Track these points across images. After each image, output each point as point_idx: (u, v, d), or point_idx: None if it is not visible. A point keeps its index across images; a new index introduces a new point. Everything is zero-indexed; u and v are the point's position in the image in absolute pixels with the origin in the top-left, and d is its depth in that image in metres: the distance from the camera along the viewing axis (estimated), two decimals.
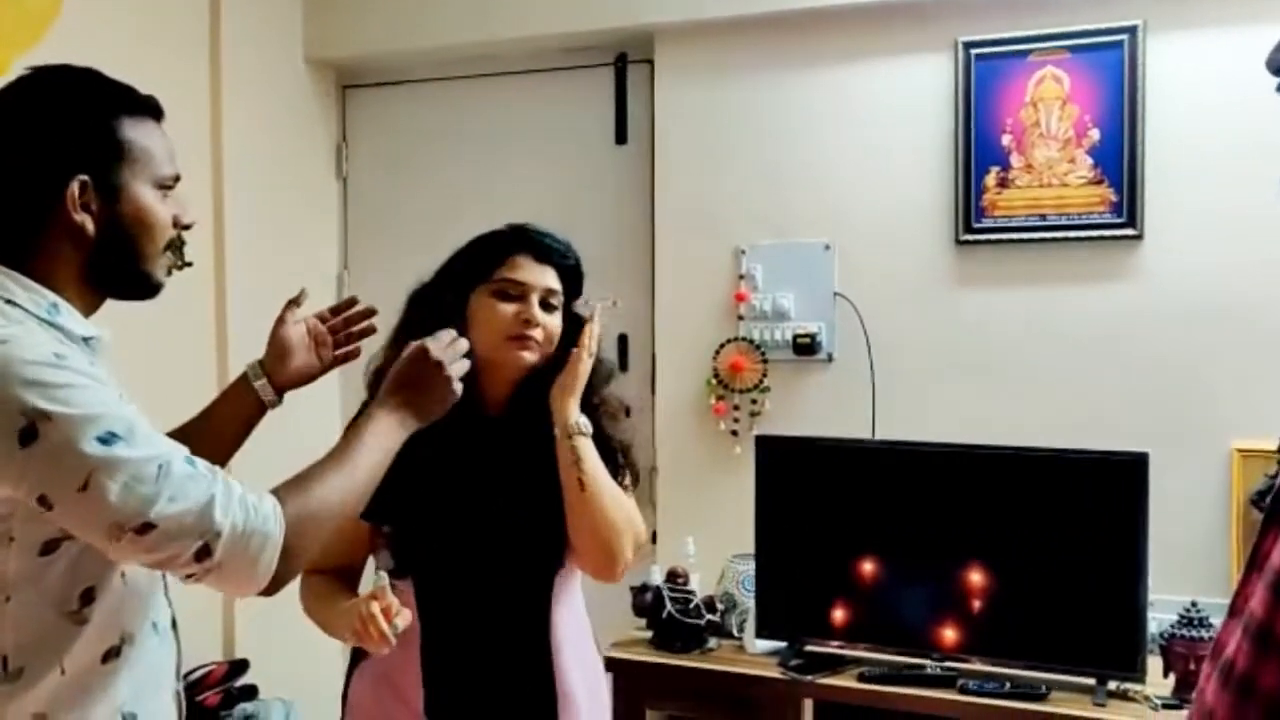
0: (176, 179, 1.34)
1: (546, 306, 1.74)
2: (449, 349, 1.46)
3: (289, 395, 1.65)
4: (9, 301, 1.23)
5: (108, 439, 1.14)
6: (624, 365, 3.19)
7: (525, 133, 3.32)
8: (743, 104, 2.99)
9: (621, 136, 3.20)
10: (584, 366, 1.71)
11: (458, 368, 1.46)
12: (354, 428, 1.39)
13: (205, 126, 3.03)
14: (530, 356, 1.73)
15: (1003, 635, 2.40)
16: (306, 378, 1.65)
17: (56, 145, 1.25)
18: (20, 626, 1.21)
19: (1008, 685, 2.34)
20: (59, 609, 1.22)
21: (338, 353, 1.67)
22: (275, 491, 1.25)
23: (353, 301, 1.72)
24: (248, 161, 3.13)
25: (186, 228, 1.36)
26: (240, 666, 2.98)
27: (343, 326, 1.69)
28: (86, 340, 1.28)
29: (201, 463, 1.21)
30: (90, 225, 1.26)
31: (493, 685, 1.75)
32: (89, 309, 1.32)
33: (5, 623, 1.20)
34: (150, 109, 1.33)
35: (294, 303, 1.67)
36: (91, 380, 1.18)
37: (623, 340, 3.20)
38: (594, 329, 1.74)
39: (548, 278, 1.75)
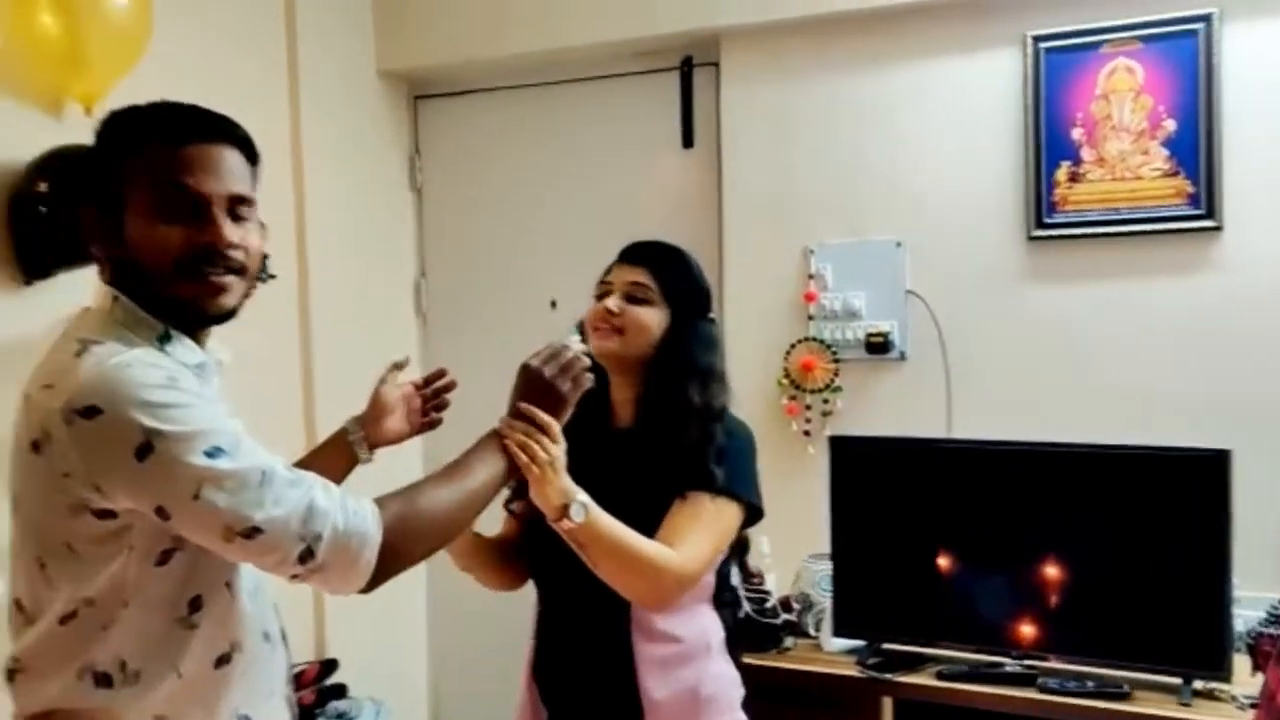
0: (207, 199, 1.31)
1: (632, 299, 1.82)
2: (551, 361, 1.54)
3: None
4: (124, 328, 1.31)
5: (214, 452, 1.22)
6: None
7: (593, 138, 3.36)
8: (810, 104, 3.00)
9: (688, 139, 3.23)
10: (534, 474, 1.56)
11: (569, 378, 1.54)
12: (478, 444, 1.49)
13: (285, 141, 3.13)
14: (608, 343, 1.80)
15: (1083, 633, 2.39)
16: (397, 438, 1.75)
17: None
18: (137, 632, 1.28)
19: (1089, 684, 2.33)
20: (170, 615, 1.30)
21: (425, 419, 1.77)
22: (380, 498, 1.33)
23: (442, 373, 1.80)
24: (326, 174, 3.22)
25: (210, 246, 1.31)
26: (330, 666, 3.07)
27: (431, 396, 1.78)
28: (198, 366, 1.35)
29: (299, 471, 1.29)
30: (103, 253, 1.32)
31: (581, 676, 1.84)
32: (190, 332, 1.36)
33: (123, 628, 1.28)
34: (182, 132, 1.32)
35: (398, 366, 1.76)
36: (200, 400, 1.26)
37: None
38: (527, 443, 1.56)
39: (633, 274, 1.84)
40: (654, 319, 1.82)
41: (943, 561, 2.50)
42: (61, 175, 2.34)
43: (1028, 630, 2.42)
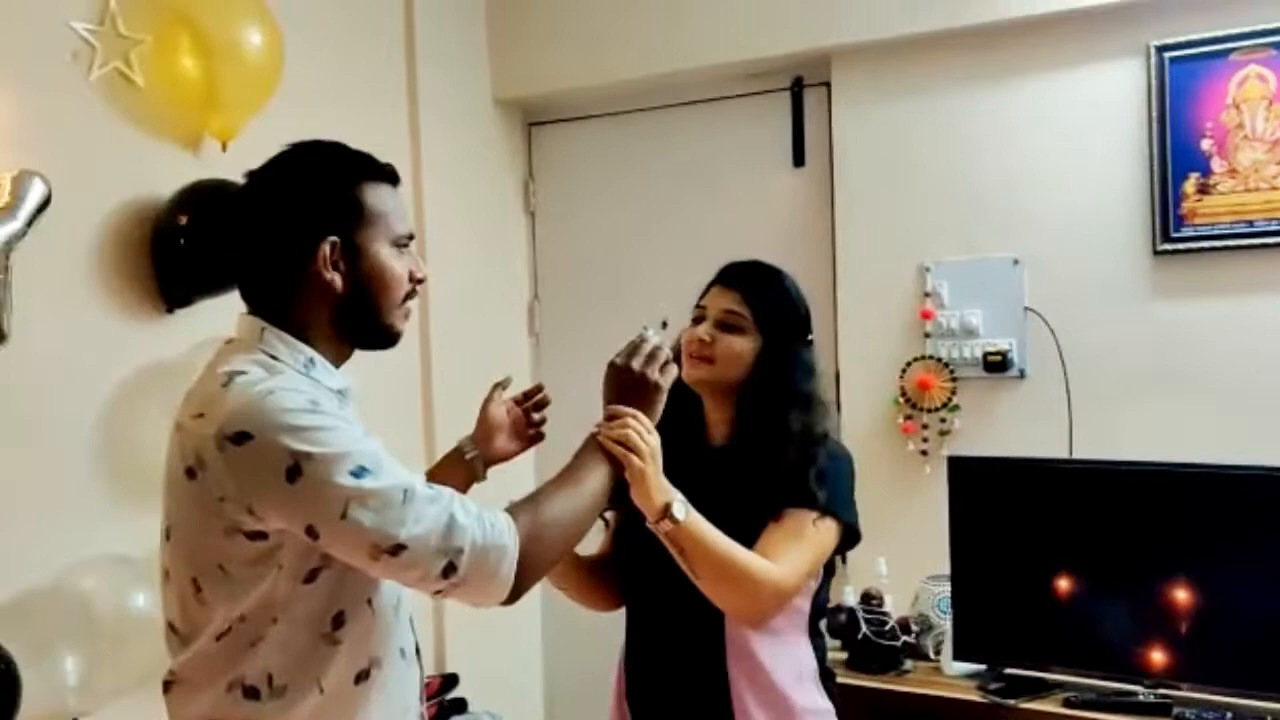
0: (411, 237, 1.47)
1: (724, 327, 1.82)
2: (635, 355, 1.59)
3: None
4: (273, 357, 1.37)
5: (359, 472, 1.27)
6: None
7: (704, 160, 3.38)
8: (923, 120, 2.97)
9: (799, 159, 3.23)
10: (636, 466, 1.56)
11: (656, 367, 1.59)
12: (581, 450, 1.53)
13: (407, 168, 3.17)
14: (696, 372, 1.81)
15: (1218, 661, 2.30)
16: (507, 456, 1.78)
17: (309, 211, 1.39)
18: (284, 647, 1.33)
19: (1229, 715, 2.24)
20: (316, 631, 1.35)
21: (530, 434, 1.80)
22: (509, 510, 1.37)
23: (539, 388, 1.83)
24: (444, 199, 3.31)
25: (420, 281, 1.47)
26: (451, 680, 3.14)
27: (532, 409, 1.80)
28: (339, 392, 1.41)
29: (437, 487, 1.33)
30: (339, 282, 1.39)
31: (673, 698, 1.83)
32: (339, 360, 1.45)
33: (271, 643, 1.33)
34: (386, 175, 1.46)
35: (501, 385, 1.79)
36: (342, 422, 1.31)
37: None
38: (625, 433, 1.57)
39: (727, 300, 1.85)
40: (745, 347, 1.82)
41: (1065, 584, 2.44)
42: (201, 209, 2.47)
43: (1158, 657, 2.34)
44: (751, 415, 1.80)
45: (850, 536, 1.82)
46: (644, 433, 1.56)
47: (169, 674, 1.40)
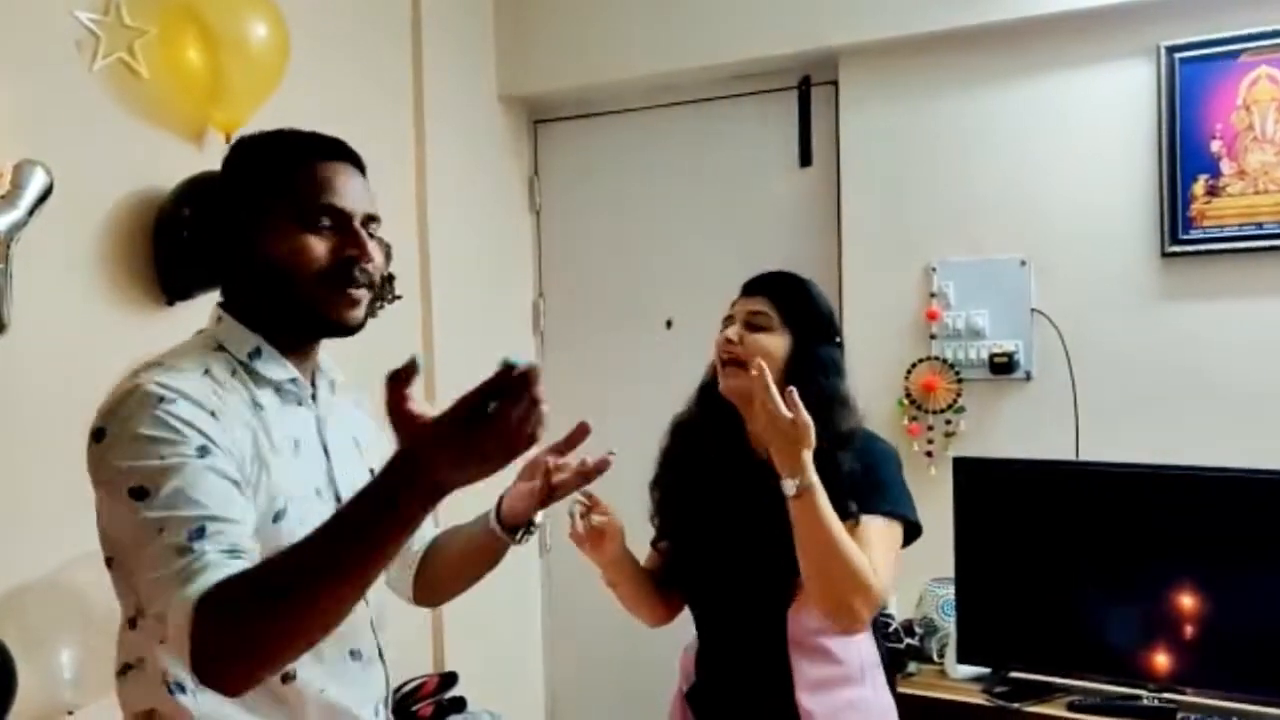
0: (343, 214, 1.35)
1: (753, 327, 1.83)
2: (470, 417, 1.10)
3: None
4: (220, 346, 1.36)
5: (138, 493, 1.19)
6: None
7: (710, 159, 3.37)
8: (931, 120, 2.96)
9: (806, 159, 3.21)
10: (764, 415, 1.66)
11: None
12: (345, 514, 1.10)
13: (410, 164, 3.21)
14: (732, 380, 1.81)
15: (1224, 666, 2.28)
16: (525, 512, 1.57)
17: (224, 197, 1.37)
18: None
19: (1233, 719, 2.22)
20: None
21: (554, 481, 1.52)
22: (227, 579, 1.12)
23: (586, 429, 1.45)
24: (448, 196, 3.29)
25: (359, 262, 1.34)
26: (450, 679, 3.12)
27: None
28: (291, 381, 1.38)
29: (208, 536, 1.15)
30: (254, 264, 1.34)
31: (740, 703, 1.85)
32: (299, 346, 1.39)
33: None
34: (315, 149, 1.37)
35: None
36: (180, 435, 1.21)
37: None
38: (763, 380, 1.67)
39: (753, 303, 1.87)
40: (775, 344, 1.82)
41: (1072, 588, 2.42)
42: (202, 201, 2.45)
43: (1163, 661, 2.33)
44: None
45: (912, 531, 1.83)
46: (802, 414, 1.64)
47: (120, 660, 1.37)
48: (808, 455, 1.65)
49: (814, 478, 1.66)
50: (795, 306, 1.86)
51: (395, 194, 3.07)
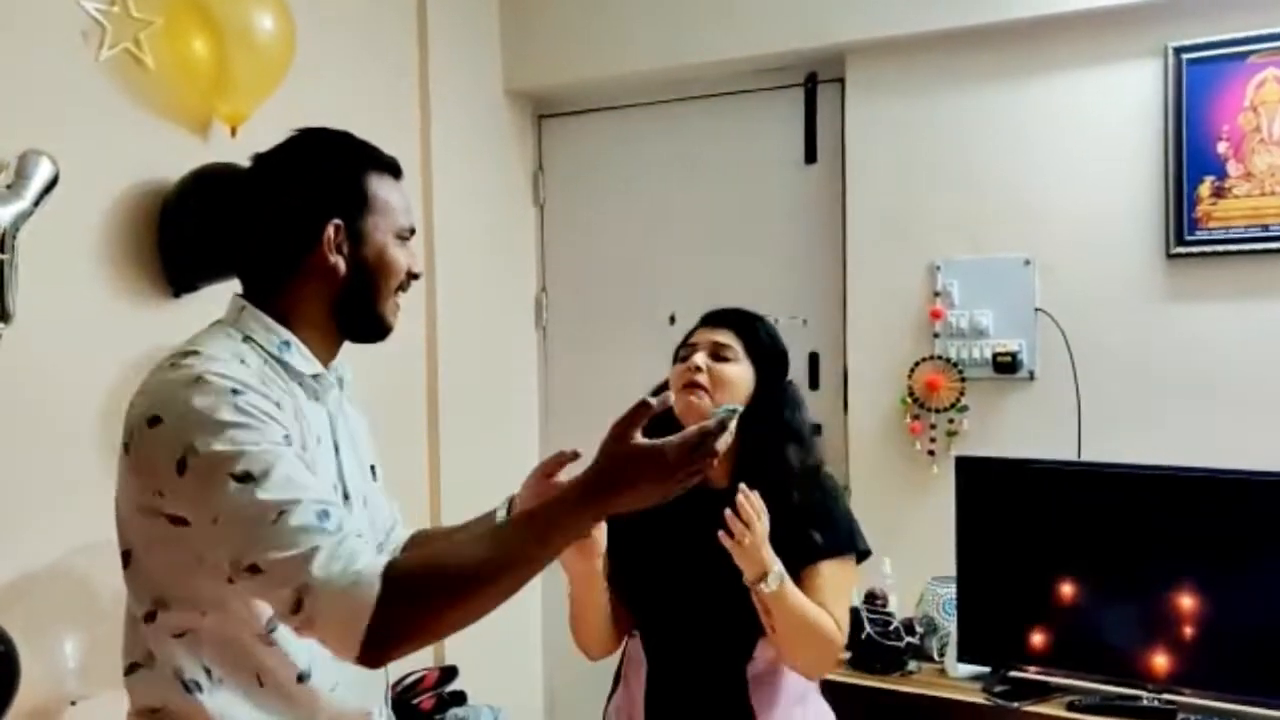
0: (412, 231, 1.47)
1: (718, 358, 1.87)
2: (693, 455, 1.23)
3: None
4: (247, 338, 1.37)
5: (243, 478, 1.20)
6: (815, 384, 3.20)
7: (715, 155, 3.37)
8: (937, 119, 2.96)
9: (811, 156, 3.21)
10: (746, 543, 1.69)
11: (690, 472, 1.25)
12: (544, 512, 1.26)
13: (416, 157, 3.21)
14: (698, 400, 1.82)
15: (1223, 667, 2.28)
16: None
17: (316, 194, 1.39)
18: (218, 643, 1.31)
19: None
20: (250, 631, 1.31)
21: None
22: (397, 560, 1.21)
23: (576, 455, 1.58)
24: (453, 189, 3.29)
25: (415, 276, 1.47)
26: (450, 673, 3.12)
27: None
28: (314, 377, 1.41)
29: (335, 518, 1.21)
30: (342, 266, 1.39)
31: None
32: (328, 347, 1.44)
33: (203, 637, 1.31)
34: (391, 167, 1.47)
35: (566, 456, 1.56)
36: (260, 421, 1.25)
37: (814, 359, 3.20)
38: (747, 508, 1.70)
39: (716, 334, 1.90)
40: (741, 375, 1.87)
41: (1072, 588, 2.42)
42: (209, 193, 2.45)
43: (1163, 662, 2.33)
44: (754, 454, 1.83)
45: (862, 557, 1.92)
46: (755, 524, 1.68)
47: (127, 657, 1.38)
48: (767, 550, 1.71)
49: (778, 566, 1.72)
50: (758, 341, 1.91)
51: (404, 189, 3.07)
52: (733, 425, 1.45)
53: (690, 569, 1.83)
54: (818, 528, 1.82)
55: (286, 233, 1.38)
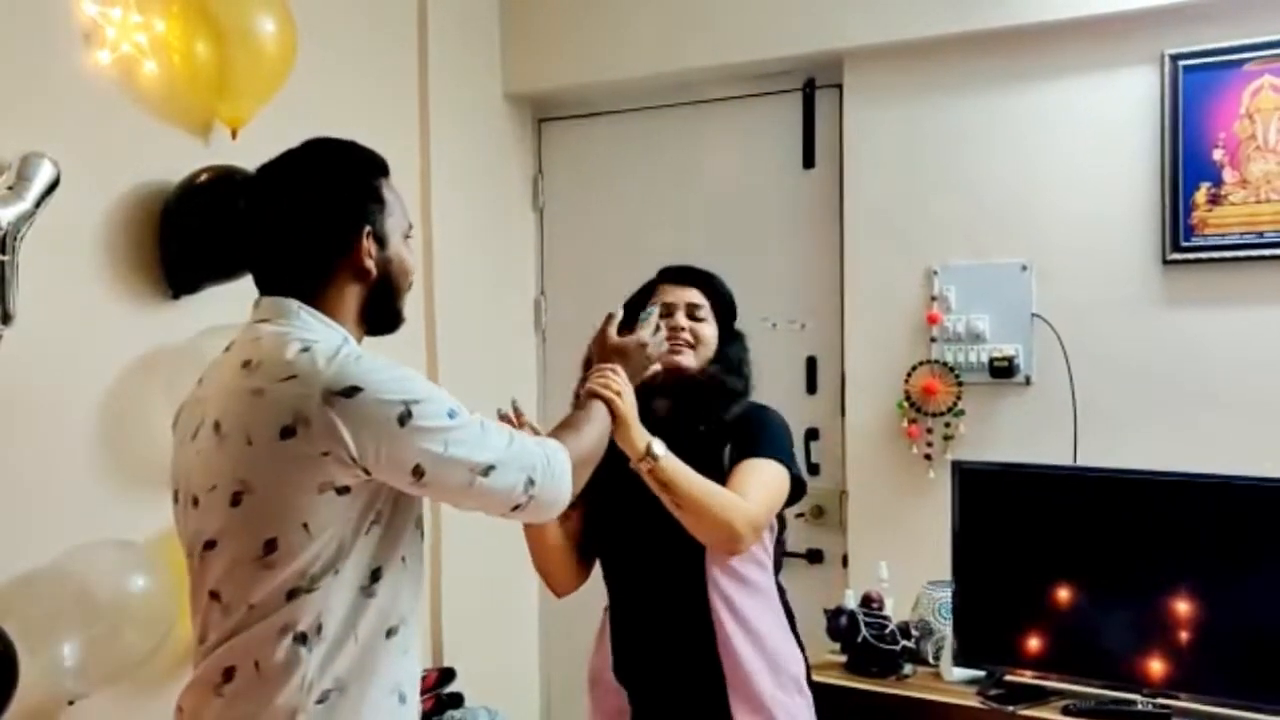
0: (411, 227, 1.58)
1: (694, 318, 2.09)
2: (655, 336, 1.93)
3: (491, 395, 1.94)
4: (316, 335, 1.44)
5: (452, 413, 1.44)
6: (812, 388, 3.21)
7: (714, 159, 3.38)
8: (934, 124, 2.97)
9: (809, 160, 3.22)
10: (620, 409, 1.82)
11: (656, 352, 1.93)
12: (585, 402, 1.76)
13: (416, 161, 3.23)
14: (683, 359, 2.04)
15: (1219, 672, 2.29)
16: None
17: (350, 202, 1.49)
18: (334, 598, 1.40)
19: None
20: (357, 584, 1.41)
21: None
22: (551, 435, 1.61)
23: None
24: (452, 193, 3.31)
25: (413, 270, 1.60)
26: (448, 674, 3.13)
27: None
28: None
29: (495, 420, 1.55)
30: (374, 269, 1.50)
31: (663, 654, 2.01)
32: (359, 341, 1.53)
33: (325, 593, 1.39)
34: (387, 169, 1.56)
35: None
36: (419, 375, 1.46)
37: (811, 362, 3.21)
38: (606, 380, 1.85)
39: (689, 295, 2.11)
40: (713, 333, 2.10)
41: (1067, 592, 2.43)
42: (210, 196, 2.46)
43: (1158, 667, 2.33)
44: (698, 381, 2.04)
45: (798, 488, 2.04)
46: (623, 382, 1.83)
47: (204, 639, 1.44)
48: (638, 428, 1.84)
49: (658, 445, 1.85)
50: (721, 298, 2.14)
51: (399, 190, 3.08)
52: (655, 314, 2.00)
53: (636, 493, 1.92)
54: (749, 439, 2.00)
55: (325, 240, 1.48)
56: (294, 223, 1.48)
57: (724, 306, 2.14)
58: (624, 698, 2.10)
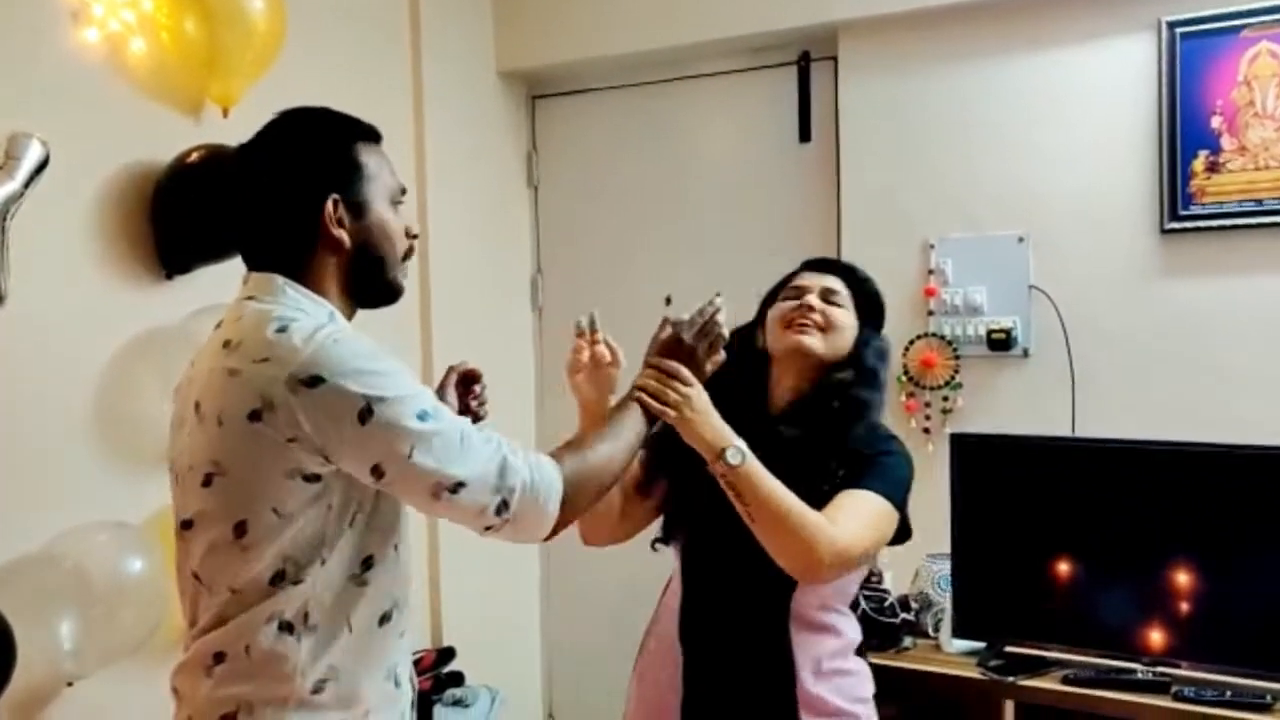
0: (404, 192, 1.52)
1: (829, 302, 1.86)
2: (692, 327, 1.68)
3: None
4: (300, 311, 1.40)
5: (423, 415, 1.34)
6: None
7: (709, 134, 3.36)
8: (930, 96, 2.95)
9: (805, 134, 3.20)
10: (672, 417, 1.64)
11: (705, 341, 1.67)
12: (622, 403, 1.62)
13: (409, 139, 3.21)
14: (808, 339, 1.82)
15: (1218, 640, 2.29)
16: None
17: (311, 170, 1.43)
18: (321, 587, 1.37)
19: (1228, 693, 2.23)
20: (347, 572, 1.39)
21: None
22: (553, 453, 1.47)
23: (477, 376, 1.83)
24: (447, 172, 3.29)
25: (415, 237, 1.53)
26: (448, 654, 3.13)
27: (465, 394, 1.81)
28: None
29: (486, 430, 1.41)
30: (346, 238, 1.44)
31: (732, 664, 1.82)
32: (349, 317, 1.49)
33: (312, 583, 1.37)
34: (374, 134, 1.51)
35: (454, 369, 1.81)
36: (401, 369, 1.38)
37: None
38: (646, 383, 1.65)
39: (826, 280, 1.90)
40: (849, 323, 1.87)
41: (1066, 563, 2.43)
42: (202, 174, 2.44)
43: (1158, 636, 2.33)
44: (827, 390, 1.82)
45: (901, 534, 1.83)
46: (679, 387, 1.62)
47: (194, 622, 1.43)
48: (716, 420, 1.65)
49: (739, 441, 1.64)
50: (864, 292, 1.92)
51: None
52: (719, 301, 1.71)
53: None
54: (865, 467, 1.76)
55: (291, 213, 1.43)
56: (263, 196, 1.45)
57: (867, 301, 1.92)
58: (679, 666, 1.88)
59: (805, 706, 1.78)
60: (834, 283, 1.89)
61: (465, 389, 1.80)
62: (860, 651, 1.90)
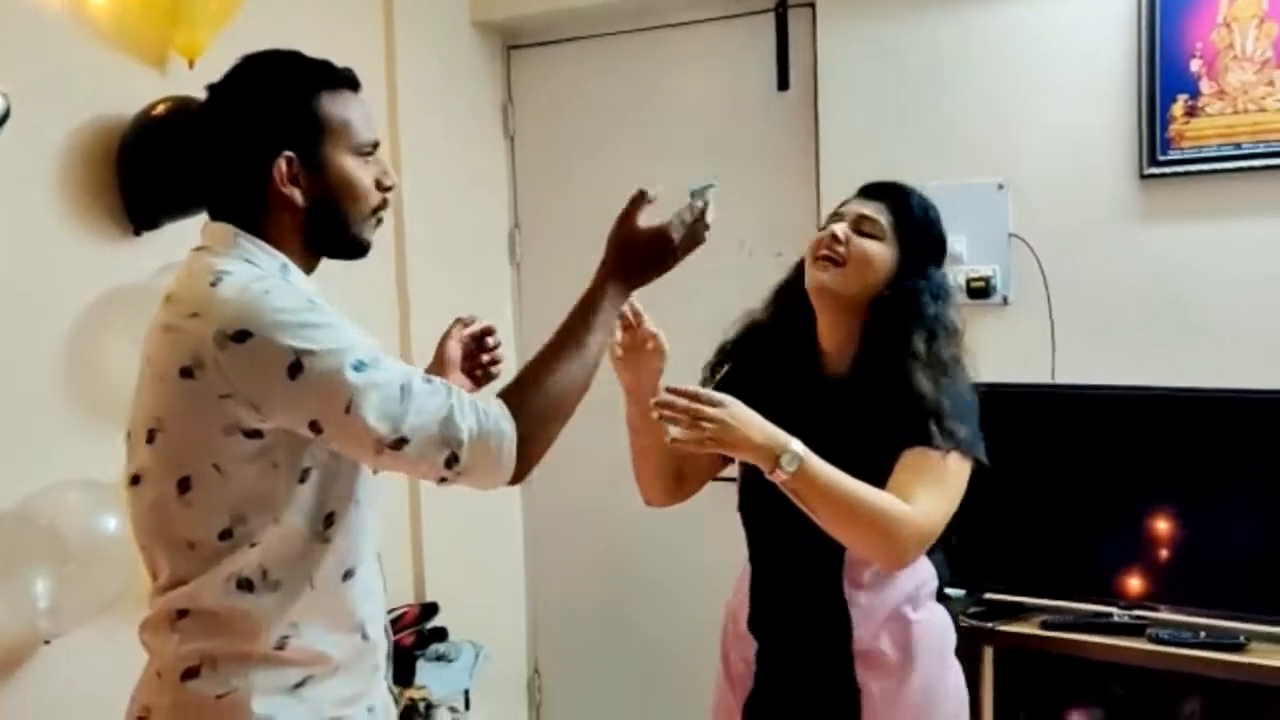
0: (376, 145, 1.45)
1: (860, 233, 1.71)
2: (687, 236, 1.56)
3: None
4: (249, 262, 1.36)
5: (359, 366, 1.29)
6: None
7: (687, 83, 3.32)
8: (908, 43, 2.91)
9: (784, 82, 3.16)
10: (727, 438, 1.53)
11: (687, 245, 1.56)
12: (587, 307, 1.47)
13: (381, 91, 3.15)
14: (823, 275, 1.69)
15: (1194, 583, 2.32)
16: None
17: (264, 127, 1.37)
18: (279, 544, 1.35)
19: (1202, 634, 2.26)
20: (308, 529, 1.36)
21: (480, 372, 1.79)
22: (503, 392, 1.39)
23: (491, 330, 1.82)
24: (421, 123, 3.24)
25: (389, 189, 1.46)
26: (431, 609, 3.13)
27: (478, 351, 1.79)
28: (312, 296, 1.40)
29: (435, 380, 1.35)
30: (299, 197, 1.38)
31: (796, 630, 1.80)
32: (308, 269, 1.45)
33: (269, 541, 1.34)
34: (345, 80, 1.43)
35: (462, 321, 1.80)
36: (339, 319, 1.33)
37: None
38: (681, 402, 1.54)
39: (866, 207, 1.74)
40: (880, 254, 1.71)
41: (1046, 510, 2.44)
42: (168, 127, 2.40)
43: (1136, 581, 2.36)
44: (878, 339, 1.69)
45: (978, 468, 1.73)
46: (708, 411, 1.50)
47: (156, 577, 1.41)
48: (764, 428, 1.53)
49: (795, 445, 1.54)
50: (911, 221, 1.75)
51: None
52: (712, 194, 1.58)
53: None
54: (924, 414, 1.64)
55: (242, 169, 1.38)
56: (217, 150, 1.40)
57: (915, 232, 1.73)
58: (752, 649, 1.85)
59: (861, 659, 1.72)
60: (873, 209, 1.73)
61: (478, 345, 1.78)
62: (942, 597, 1.82)
